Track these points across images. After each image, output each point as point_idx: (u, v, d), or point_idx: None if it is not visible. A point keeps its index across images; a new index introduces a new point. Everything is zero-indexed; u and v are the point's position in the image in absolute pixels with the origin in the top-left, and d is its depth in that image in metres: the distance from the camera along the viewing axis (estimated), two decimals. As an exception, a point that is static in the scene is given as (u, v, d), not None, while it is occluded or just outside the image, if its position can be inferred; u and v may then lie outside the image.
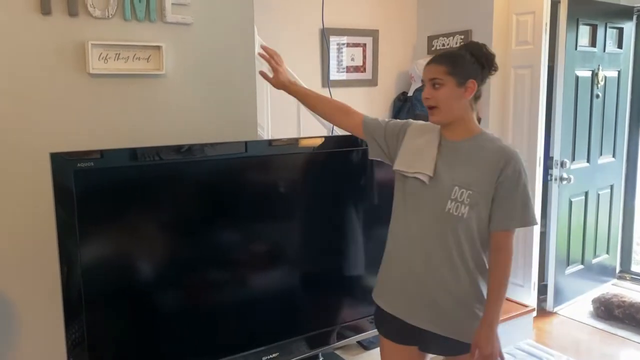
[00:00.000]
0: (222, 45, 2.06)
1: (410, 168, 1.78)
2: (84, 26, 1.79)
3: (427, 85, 1.73)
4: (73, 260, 1.52)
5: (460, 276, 1.72)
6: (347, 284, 2.06)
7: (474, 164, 1.71)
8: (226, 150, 1.78)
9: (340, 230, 2.07)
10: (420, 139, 1.82)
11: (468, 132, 1.75)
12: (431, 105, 1.71)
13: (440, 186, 1.72)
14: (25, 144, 1.74)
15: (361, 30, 4.25)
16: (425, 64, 1.76)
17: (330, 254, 2.04)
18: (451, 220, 1.70)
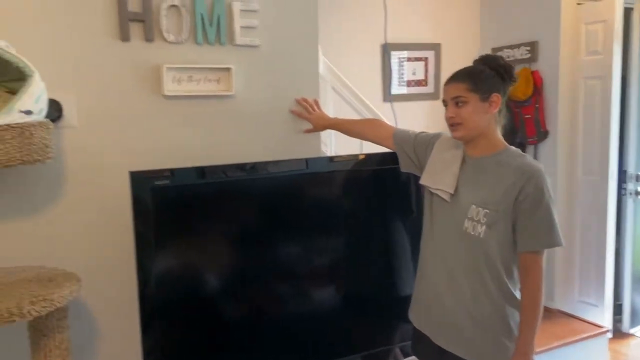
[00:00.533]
0: (288, 65, 2.13)
1: (433, 183, 1.75)
2: (159, 51, 1.90)
3: (449, 104, 1.69)
4: (149, 271, 1.61)
5: (481, 299, 1.65)
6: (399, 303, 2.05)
7: (493, 182, 1.64)
8: (288, 167, 1.83)
9: (400, 247, 2.06)
10: (447, 154, 1.79)
11: (491, 148, 1.69)
12: (455, 122, 1.67)
13: (459, 204, 1.68)
14: (107, 160, 1.86)
15: (423, 45, 4.24)
16: (444, 83, 1.73)
17: (388, 271, 2.04)
18: (468, 240, 1.64)
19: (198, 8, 1.92)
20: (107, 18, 1.81)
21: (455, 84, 1.69)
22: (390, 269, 2.05)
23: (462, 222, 1.65)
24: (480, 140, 1.68)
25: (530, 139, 3.97)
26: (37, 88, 1.53)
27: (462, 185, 1.69)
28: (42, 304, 1.37)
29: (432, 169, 1.79)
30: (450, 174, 1.71)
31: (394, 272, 2.06)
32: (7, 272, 1.61)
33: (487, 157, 1.68)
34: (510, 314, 1.65)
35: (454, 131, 1.68)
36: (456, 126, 1.67)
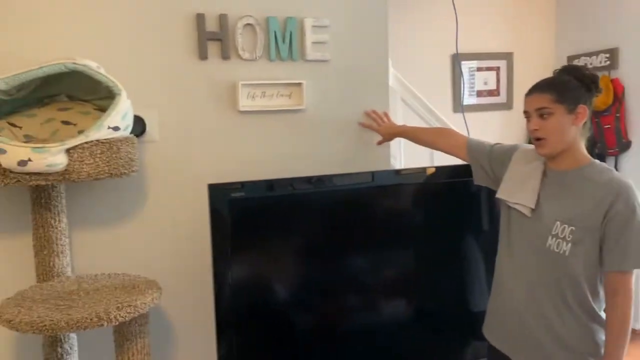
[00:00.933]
0: (358, 79, 2.15)
1: (511, 197, 1.67)
2: (235, 68, 1.97)
3: (532, 116, 1.59)
4: (225, 281, 1.66)
5: (564, 317, 1.57)
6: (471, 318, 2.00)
7: (579, 197, 1.55)
8: (354, 180, 1.84)
9: (470, 261, 2.02)
10: (526, 167, 1.70)
11: (575, 162, 1.59)
12: (539, 137, 1.58)
13: (542, 220, 1.60)
14: (185, 173, 1.95)
15: (494, 54, 4.16)
16: (526, 94, 1.65)
17: (458, 286, 2.00)
18: (552, 258, 1.56)
19: (272, 26, 1.98)
20: (187, 38, 1.91)
21: (539, 94, 1.60)
22: (461, 283, 2.01)
23: (545, 239, 1.58)
24: (564, 154, 1.60)
25: (610, 150, 3.78)
26: (124, 106, 1.63)
27: (544, 200, 1.62)
28: (127, 310, 1.45)
29: (509, 183, 1.72)
30: (530, 188, 1.65)
31: (465, 287, 2.01)
32: (94, 279, 1.72)
33: (571, 171, 1.60)
34: (595, 332, 1.57)
35: (539, 147, 1.60)
36: (541, 141, 1.59)
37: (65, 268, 1.73)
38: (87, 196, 1.84)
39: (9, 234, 1.77)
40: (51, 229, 1.69)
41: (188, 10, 1.90)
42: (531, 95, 1.63)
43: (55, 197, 1.69)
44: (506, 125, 4.25)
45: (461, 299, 2.00)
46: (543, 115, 1.57)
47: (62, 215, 1.71)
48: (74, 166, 1.55)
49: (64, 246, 1.72)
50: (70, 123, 1.73)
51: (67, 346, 1.70)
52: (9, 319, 1.39)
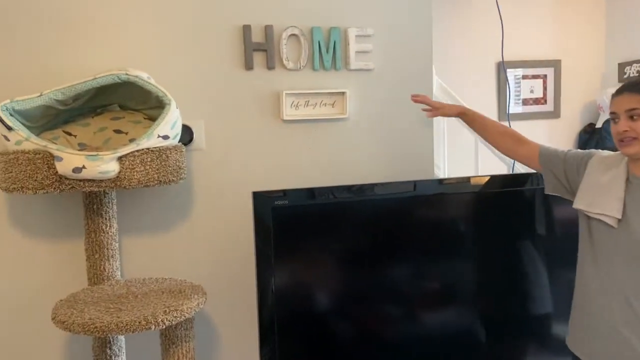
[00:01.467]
0: (401, 87, 2.15)
1: (592, 207, 1.60)
2: (279, 78, 2.01)
3: (622, 117, 1.54)
4: (268, 287, 1.68)
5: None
6: (515, 331, 1.96)
7: None
8: (395, 189, 1.83)
9: (510, 272, 1.98)
10: (605, 175, 1.64)
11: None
12: (630, 137, 1.52)
13: (633, 229, 1.53)
14: (231, 181, 1.98)
15: (541, 62, 4.08)
16: (613, 95, 1.58)
17: (500, 297, 1.96)
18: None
19: (316, 36, 2.01)
20: (233, 49, 1.95)
21: (629, 95, 1.55)
22: (507, 293, 1.97)
23: (637, 253, 1.52)
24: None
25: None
26: (173, 115, 1.68)
27: (631, 209, 1.55)
28: (174, 314, 1.49)
29: (588, 192, 1.65)
30: (614, 197, 1.58)
31: (514, 299, 1.97)
32: (142, 283, 1.77)
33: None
34: None
35: (626, 146, 1.54)
36: (630, 140, 1.53)
37: (115, 272, 1.79)
38: (137, 203, 1.90)
39: (63, 238, 1.84)
40: (102, 234, 1.75)
41: (235, 21, 1.94)
42: (620, 95, 1.57)
43: (106, 203, 1.76)
44: (553, 134, 4.15)
45: (509, 311, 1.96)
46: (633, 117, 1.53)
47: (112, 220, 1.78)
48: (125, 173, 1.60)
49: (114, 251, 1.78)
50: (122, 132, 1.79)
51: (116, 348, 1.76)
52: (63, 320, 1.44)
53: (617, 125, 1.56)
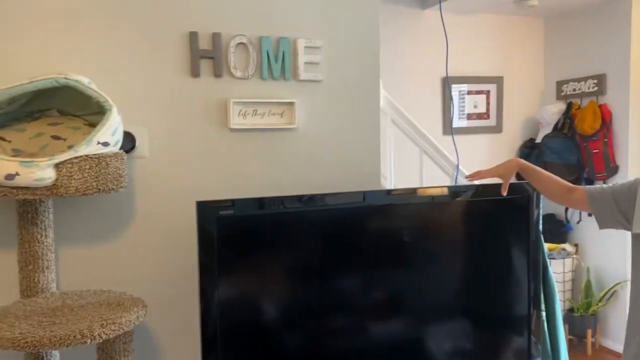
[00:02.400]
0: (350, 100, 2.17)
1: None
2: (227, 86, 1.98)
3: None
4: (212, 300, 1.64)
5: None
6: (470, 341, 1.99)
7: None
8: (345, 199, 1.84)
9: (462, 282, 2.02)
10: None
11: None
12: None
13: None
14: (174, 190, 1.94)
15: (484, 78, 4.22)
16: None
17: (451, 307, 1.99)
18: None
19: (264, 45, 2.00)
20: (179, 55, 1.92)
21: None
22: (459, 304, 2.00)
23: None
24: None
25: (599, 175, 3.82)
26: (115, 121, 1.63)
27: None
28: (112, 327, 1.43)
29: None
30: None
31: (462, 308, 2.00)
32: (79, 295, 1.70)
33: None
34: None
35: None
36: None
37: (50, 284, 1.71)
38: (75, 211, 1.83)
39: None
40: (37, 244, 1.67)
41: (181, 28, 1.91)
42: None
43: (42, 212, 1.68)
44: (495, 148, 4.29)
45: (456, 320, 1.99)
46: None
47: (48, 230, 1.70)
48: (62, 181, 1.54)
49: (49, 262, 1.70)
50: (60, 138, 1.72)
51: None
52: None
53: None
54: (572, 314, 3.91)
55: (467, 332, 1.99)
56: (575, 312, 3.90)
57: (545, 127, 4.14)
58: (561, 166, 3.92)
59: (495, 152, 4.28)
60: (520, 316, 2.03)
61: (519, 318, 2.03)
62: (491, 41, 4.22)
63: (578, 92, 4.02)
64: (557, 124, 4.09)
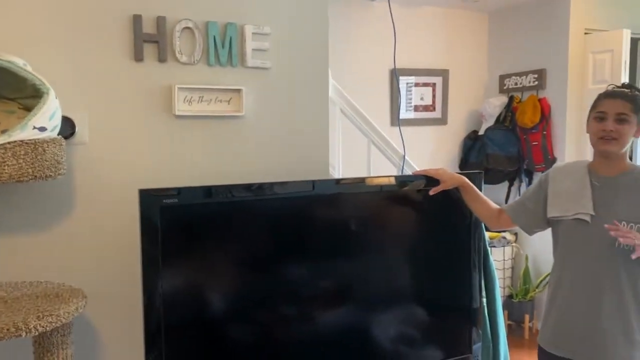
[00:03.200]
0: (298, 89, 2.16)
1: (567, 212, 1.81)
2: (171, 71, 1.93)
3: (610, 119, 1.77)
4: (155, 290, 1.61)
5: (631, 312, 1.73)
6: (415, 326, 2.04)
7: (636, 197, 1.74)
8: (294, 188, 1.84)
9: (407, 270, 2.06)
10: (568, 181, 1.86)
11: (623, 167, 1.79)
12: (612, 137, 1.75)
13: (602, 223, 1.73)
14: (117, 178, 1.88)
15: (431, 70, 4.29)
16: (603, 97, 1.82)
17: (397, 294, 2.03)
18: (622, 256, 1.72)
19: (211, 30, 1.96)
20: (122, 39, 1.85)
21: (622, 101, 1.78)
22: (407, 292, 2.04)
23: (613, 240, 1.71)
24: (618, 160, 1.80)
25: (537, 166, 3.97)
26: (52, 105, 1.55)
27: (601, 205, 1.77)
28: (49, 319, 1.37)
29: (559, 200, 1.86)
30: (586, 197, 1.80)
31: (411, 296, 2.04)
32: (14, 287, 1.62)
33: (621, 175, 1.79)
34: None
35: (607, 144, 1.76)
36: (611, 140, 1.76)
37: (-18, 276, 1.63)
38: (10, 199, 1.74)
39: None
40: (-33, 234, 1.59)
41: (124, 10, 1.84)
42: (613, 99, 1.79)
43: (-28, 199, 1.59)
44: (440, 140, 4.38)
45: (403, 307, 2.03)
46: (621, 120, 1.75)
47: (-21, 219, 1.61)
48: (-6, 167, 1.46)
49: (-20, 252, 1.62)
50: (-8, 122, 1.63)
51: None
52: None
53: (602, 124, 1.77)
54: (512, 300, 4.06)
55: (412, 319, 2.04)
56: (514, 299, 4.06)
57: (488, 120, 4.26)
58: (502, 158, 4.05)
59: (441, 143, 4.38)
60: (462, 303, 2.09)
61: (461, 304, 2.09)
62: (438, 34, 4.30)
63: (519, 86, 4.16)
64: (499, 117, 4.21)
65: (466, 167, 4.29)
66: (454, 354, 2.06)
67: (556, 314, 1.87)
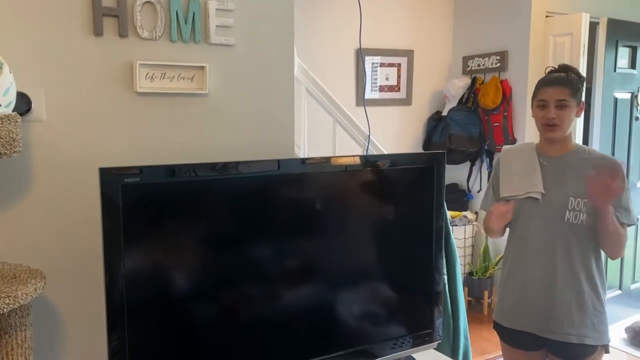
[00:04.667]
0: (263, 67, 2.13)
1: (519, 191, 1.93)
2: (132, 47, 1.88)
3: (551, 106, 1.85)
4: (118, 271, 1.58)
5: (582, 280, 1.87)
6: (378, 304, 2.07)
7: (582, 175, 1.85)
8: (259, 168, 1.83)
9: (371, 248, 2.08)
10: (517, 162, 1.98)
11: (569, 147, 1.92)
12: (556, 123, 1.85)
13: (553, 200, 1.87)
14: (76, 156, 1.83)
15: (396, 51, 4.31)
16: (542, 85, 1.90)
17: (361, 272, 2.06)
18: (572, 229, 1.85)
19: (173, 5, 1.91)
20: (80, 12, 1.78)
21: (560, 88, 1.86)
22: (364, 268, 2.06)
23: (563, 215, 1.84)
24: (563, 141, 1.91)
25: (498, 147, 4.06)
26: (6, 80, 1.49)
27: (551, 183, 1.89)
28: (5, 301, 1.34)
29: (510, 180, 1.98)
30: (536, 176, 1.91)
31: (369, 273, 2.07)
32: (-31, 268, 1.57)
33: (568, 154, 1.91)
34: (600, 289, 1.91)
35: (551, 131, 1.87)
36: (554, 127, 1.86)
37: None
38: (-39, 178, 1.68)
39: None
40: None
41: (82, -18, 1.78)
42: (552, 87, 1.87)
43: None
44: (405, 120, 4.42)
45: (370, 287, 2.06)
46: (561, 106, 1.84)
47: None
48: (-55, 144, 1.40)
49: None
50: (-59, 97, 1.56)
51: None
52: None
53: (544, 112, 1.87)
54: (472, 277, 4.17)
55: (375, 296, 2.07)
56: (474, 276, 4.17)
57: (452, 101, 4.32)
58: (464, 138, 4.12)
59: (405, 124, 4.42)
60: (424, 280, 2.13)
61: (423, 282, 2.13)
62: (404, 14, 4.31)
63: (482, 68, 4.22)
64: (462, 98, 4.27)
65: (429, 148, 4.35)
66: (416, 329, 2.10)
67: (514, 289, 1.95)
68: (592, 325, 1.90)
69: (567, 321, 1.89)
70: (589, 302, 1.89)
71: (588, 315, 1.89)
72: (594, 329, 1.90)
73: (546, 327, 1.92)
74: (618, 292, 4.12)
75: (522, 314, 1.97)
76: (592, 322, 1.90)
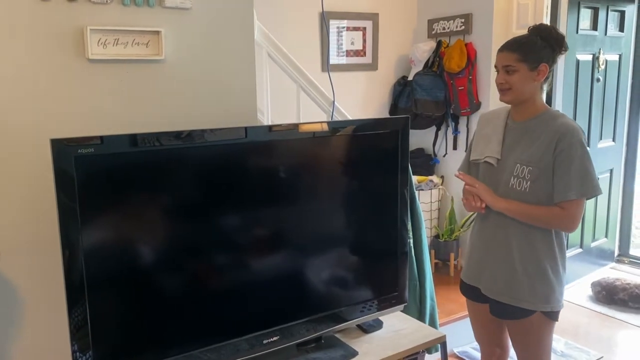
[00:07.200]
0: (222, 31, 2.06)
1: (481, 155, 1.99)
2: (82, 11, 1.78)
3: (500, 71, 1.87)
4: (75, 244, 1.53)
5: (525, 249, 1.89)
6: (346, 269, 2.08)
7: (534, 142, 1.85)
8: (226, 135, 1.78)
9: (338, 214, 2.08)
10: (488, 127, 2.02)
11: (535, 111, 1.89)
12: (505, 88, 1.86)
13: (506, 165, 1.90)
14: (24, 128, 1.75)
15: (361, 14, 4.23)
16: (498, 51, 1.90)
17: (329, 238, 2.05)
18: (515, 196, 1.86)
19: (124, -34, 1.81)
20: (22, -27, 1.68)
21: (507, 53, 1.85)
22: (333, 235, 2.06)
23: (508, 181, 1.86)
24: (526, 105, 1.88)
25: (463, 111, 4.07)
26: (-57, 47, 1.40)
27: (508, 149, 1.91)
28: (-45, 281, 1.28)
29: (477, 145, 2.04)
30: (495, 142, 1.94)
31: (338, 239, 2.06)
32: None
33: (530, 120, 1.89)
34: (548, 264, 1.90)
35: (503, 95, 1.89)
36: (505, 91, 1.87)
37: None
38: None
39: None
40: None
41: (23, -59, 1.67)
42: (501, 52, 1.89)
43: None
44: (371, 85, 4.38)
45: (338, 254, 2.06)
46: (509, 72, 1.85)
47: None
48: None
49: None
50: None
51: None
52: None
53: (497, 77, 1.91)
54: (438, 240, 4.24)
55: (342, 262, 2.07)
56: (441, 238, 4.23)
57: (417, 65, 4.30)
58: (430, 103, 4.11)
59: (371, 89, 4.38)
60: (390, 244, 2.14)
61: (389, 246, 2.14)
62: (367, -24, 4.22)
63: (447, 31, 4.19)
64: (427, 62, 4.25)
65: (396, 113, 4.34)
66: (383, 293, 2.12)
67: (476, 250, 2.05)
68: (532, 290, 1.91)
69: (502, 281, 1.96)
70: (530, 267, 1.90)
71: (526, 279, 1.91)
72: (533, 293, 1.91)
73: (487, 287, 2.01)
74: (579, 250, 4.24)
75: (476, 271, 2.09)
76: (532, 285, 1.91)
